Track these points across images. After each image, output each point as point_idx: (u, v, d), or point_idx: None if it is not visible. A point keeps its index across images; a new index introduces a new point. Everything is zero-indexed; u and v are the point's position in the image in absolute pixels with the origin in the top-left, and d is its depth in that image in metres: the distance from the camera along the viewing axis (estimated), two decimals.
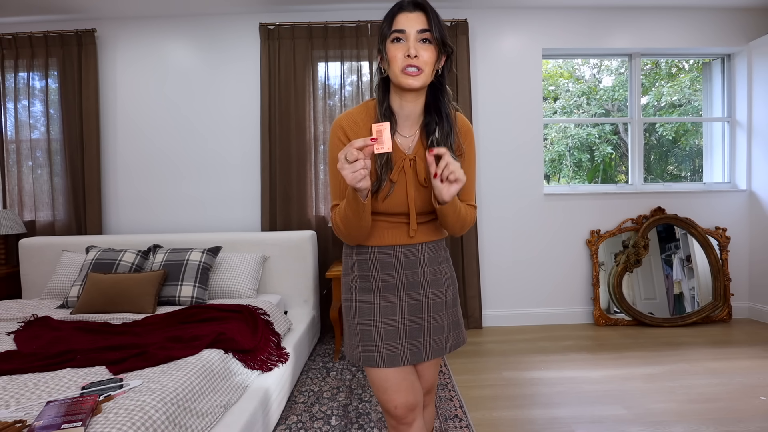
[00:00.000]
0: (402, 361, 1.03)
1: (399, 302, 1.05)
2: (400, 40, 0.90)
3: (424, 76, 0.91)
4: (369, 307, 1.04)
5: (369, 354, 1.02)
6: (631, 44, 3.28)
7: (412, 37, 0.89)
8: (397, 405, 1.02)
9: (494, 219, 3.26)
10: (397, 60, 0.90)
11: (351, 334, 1.06)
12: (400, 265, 1.04)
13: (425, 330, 1.06)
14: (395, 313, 1.04)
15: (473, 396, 2.11)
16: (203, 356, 1.56)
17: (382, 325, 1.03)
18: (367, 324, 1.04)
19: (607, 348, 2.72)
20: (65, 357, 1.54)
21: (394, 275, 1.04)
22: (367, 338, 1.03)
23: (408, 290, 1.05)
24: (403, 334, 1.04)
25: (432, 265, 1.07)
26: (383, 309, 1.04)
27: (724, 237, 3.26)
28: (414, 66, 0.89)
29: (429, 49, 0.91)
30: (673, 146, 4.32)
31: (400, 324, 1.04)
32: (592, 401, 2.02)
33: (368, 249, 1.05)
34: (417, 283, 1.05)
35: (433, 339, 1.07)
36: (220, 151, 3.20)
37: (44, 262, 2.83)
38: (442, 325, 1.08)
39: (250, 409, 1.52)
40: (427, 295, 1.06)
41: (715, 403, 1.98)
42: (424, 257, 1.06)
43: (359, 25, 3.08)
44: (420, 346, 1.05)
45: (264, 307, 2.25)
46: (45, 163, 3.12)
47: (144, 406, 1.16)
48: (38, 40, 3.07)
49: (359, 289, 1.06)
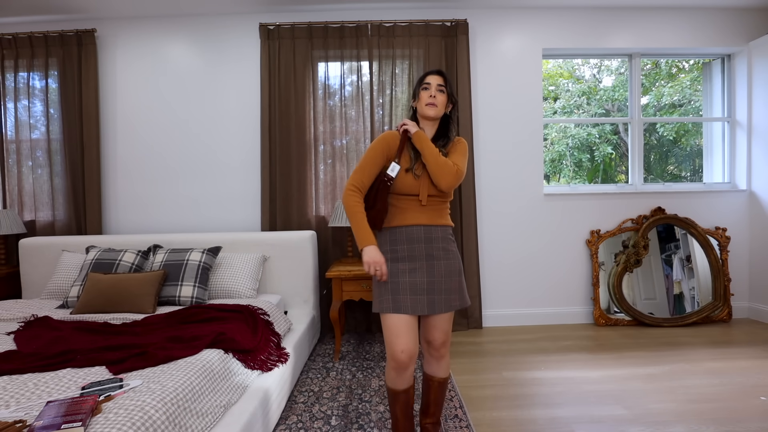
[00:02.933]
0: (421, 310, 1.43)
1: (419, 267, 1.45)
2: (427, 88, 1.51)
3: (438, 110, 1.50)
4: (397, 271, 1.45)
5: (397, 304, 1.42)
6: (631, 44, 3.28)
7: (433, 87, 1.50)
8: (404, 349, 1.41)
9: (494, 219, 3.26)
10: (423, 98, 1.51)
11: (382, 291, 1.45)
12: (420, 240, 1.46)
13: (438, 290, 1.45)
14: (416, 276, 1.44)
15: (473, 396, 2.11)
16: (203, 356, 1.57)
17: (407, 285, 1.43)
18: (396, 283, 1.44)
19: (607, 348, 2.72)
20: (65, 357, 1.54)
21: (416, 248, 1.46)
22: (396, 293, 1.43)
23: (426, 260, 1.46)
24: (422, 291, 1.44)
25: (443, 243, 1.49)
26: (408, 272, 1.45)
27: (724, 237, 3.26)
28: (432, 103, 1.49)
29: (442, 95, 1.51)
30: (673, 146, 4.33)
31: (420, 284, 1.44)
32: (592, 401, 2.02)
33: (398, 228, 1.48)
34: (433, 255, 1.46)
35: (444, 297, 1.46)
36: (220, 151, 3.20)
37: (44, 262, 2.83)
38: (451, 288, 1.47)
39: (250, 409, 1.52)
40: (440, 264, 1.46)
41: (715, 403, 1.98)
42: (438, 236, 1.48)
43: (359, 25, 3.08)
44: (434, 301, 1.45)
45: (264, 307, 2.25)
46: (45, 163, 3.12)
47: (144, 406, 1.16)
48: (38, 40, 3.07)
49: (390, 259, 1.47)
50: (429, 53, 3.10)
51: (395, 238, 1.48)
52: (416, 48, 3.12)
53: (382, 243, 1.52)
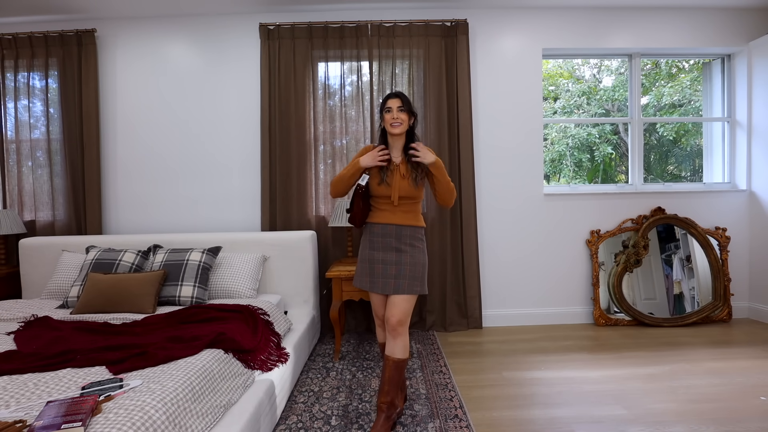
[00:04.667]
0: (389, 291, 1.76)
1: (389, 257, 1.78)
2: (389, 111, 1.76)
3: (403, 127, 1.77)
4: (373, 258, 1.80)
5: (373, 285, 1.80)
6: (631, 44, 3.28)
7: (394, 110, 1.75)
8: (380, 314, 1.87)
9: (494, 219, 3.26)
10: (387, 120, 1.78)
11: (361, 272, 1.84)
12: (392, 235, 1.79)
13: (404, 275, 1.76)
14: (387, 263, 1.78)
15: (473, 396, 2.11)
16: (203, 356, 1.56)
17: (381, 269, 1.78)
18: (372, 268, 1.80)
19: (607, 348, 2.72)
20: (65, 357, 1.54)
21: (388, 241, 1.79)
22: (372, 276, 1.80)
23: (395, 252, 1.78)
24: (390, 275, 1.77)
25: (411, 240, 1.79)
26: (381, 261, 1.79)
27: (724, 237, 3.25)
28: (396, 123, 1.75)
29: (403, 114, 1.76)
30: (673, 146, 4.33)
31: (389, 270, 1.77)
32: (592, 401, 2.03)
33: (376, 224, 1.81)
34: (401, 248, 1.78)
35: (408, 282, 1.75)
36: (220, 151, 3.19)
37: (44, 262, 2.83)
38: (415, 275, 1.76)
39: (250, 409, 1.52)
40: (406, 255, 1.78)
41: (715, 403, 1.98)
42: (407, 234, 1.79)
43: (359, 25, 3.07)
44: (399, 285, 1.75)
45: (264, 307, 2.25)
46: (45, 163, 3.12)
47: (144, 406, 1.16)
48: (38, 40, 3.07)
49: (369, 249, 1.82)
50: (429, 53, 3.10)
51: (373, 231, 1.82)
52: (416, 48, 3.11)
53: (363, 237, 1.87)
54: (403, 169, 1.77)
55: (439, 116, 3.10)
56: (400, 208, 1.77)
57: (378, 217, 1.80)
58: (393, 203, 1.75)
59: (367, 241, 1.84)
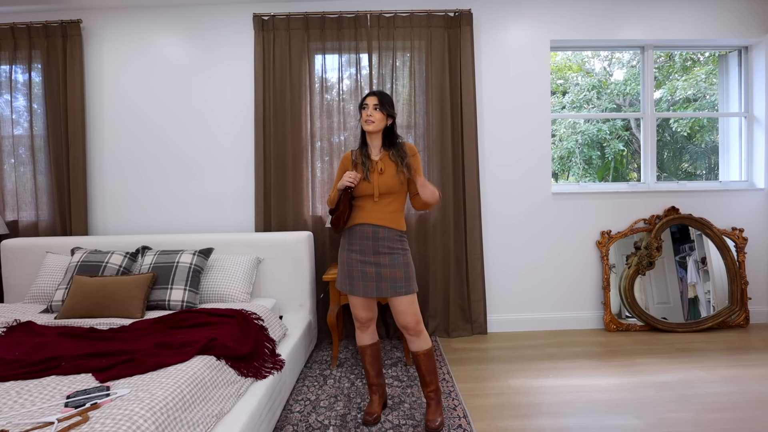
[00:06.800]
0: (370, 294, 1.83)
1: (368, 259, 1.83)
2: (365, 108, 1.85)
3: (375, 125, 1.83)
4: (352, 261, 1.86)
5: (353, 288, 1.86)
6: (643, 36, 3.21)
7: (370, 107, 1.83)
8: (359, 317, 1.92)
9: (499, 219, 3.19)
10: (363, 117, 1.86)
11: (342, 275, 1.89)
12: (369, 237, 1.83)
13: (384, 278, 1.81)
14: (366, 266, 1.83)
15: (478, 405, 2.07)
16: (194, 363, 1.55)
17: (359, 272, 1.84)
18: (351, 270, 1.86)
19: (619, 354, 2.68)
20: (49, 364, 1.53)
21: (366, 244, 1.84)
22: (351, 279, 1.86)
23: (373, 254, 1.83)
24: (371, 278, 1.82)
25: (389, 242, 1.83)
26: (360, 262, 1.84)
27: (741, 238, 3.20)
28: (369, 120, 1.83)
29: (378, 113, 1.83)
30: (687, 143, 4.29)
31: (369, 273, 1.83)
32: (603, 411, 1.99)
33: (354, 227, 1.86)
34: (378, 251, 1.82)
35: (390, 285, 1.80)
36: (213, 147, 3.14)
37: (27, 264, 2.80)
38: (396, 277, 1.80)
39: (244, 419, 1.49)
40: (384, 258, 1.82)
41: (731, 413, 1.95)
42: (384, 236, 1.83)
43: (358, 16, 3.00)
44: (381, 288, 1.81)
45: (258, 312, 2.22)
46: (28, 160, 3.07)
47: (132, 415, 1.14)
48: (21, 31, 3.01)
49: (347, 250, 1.88)
50: (431, 45, 3.01)
51: (351, 234, 1.87)
52: (418, 39, 3.03)
53: (342, 239, 1.93)
54: (381, 165, 1.85)
55: (442, 111, 3.01)
56: (380, 206, 1.83)
57: (357, 217, 1.85)
58: (374, 198, 1.82)
59: (345, 242, 1.90)
